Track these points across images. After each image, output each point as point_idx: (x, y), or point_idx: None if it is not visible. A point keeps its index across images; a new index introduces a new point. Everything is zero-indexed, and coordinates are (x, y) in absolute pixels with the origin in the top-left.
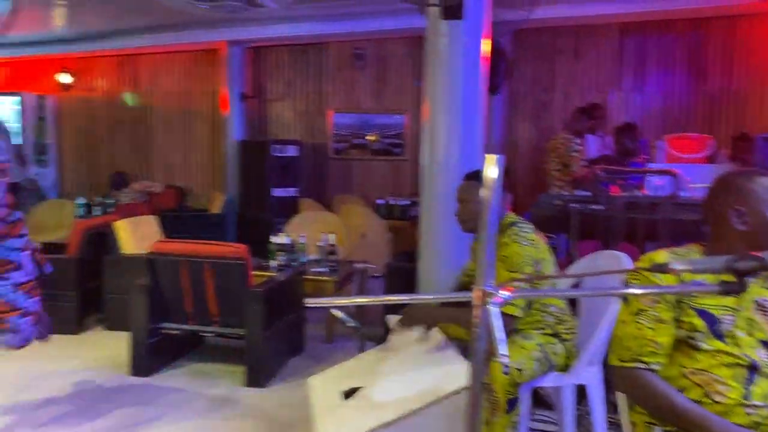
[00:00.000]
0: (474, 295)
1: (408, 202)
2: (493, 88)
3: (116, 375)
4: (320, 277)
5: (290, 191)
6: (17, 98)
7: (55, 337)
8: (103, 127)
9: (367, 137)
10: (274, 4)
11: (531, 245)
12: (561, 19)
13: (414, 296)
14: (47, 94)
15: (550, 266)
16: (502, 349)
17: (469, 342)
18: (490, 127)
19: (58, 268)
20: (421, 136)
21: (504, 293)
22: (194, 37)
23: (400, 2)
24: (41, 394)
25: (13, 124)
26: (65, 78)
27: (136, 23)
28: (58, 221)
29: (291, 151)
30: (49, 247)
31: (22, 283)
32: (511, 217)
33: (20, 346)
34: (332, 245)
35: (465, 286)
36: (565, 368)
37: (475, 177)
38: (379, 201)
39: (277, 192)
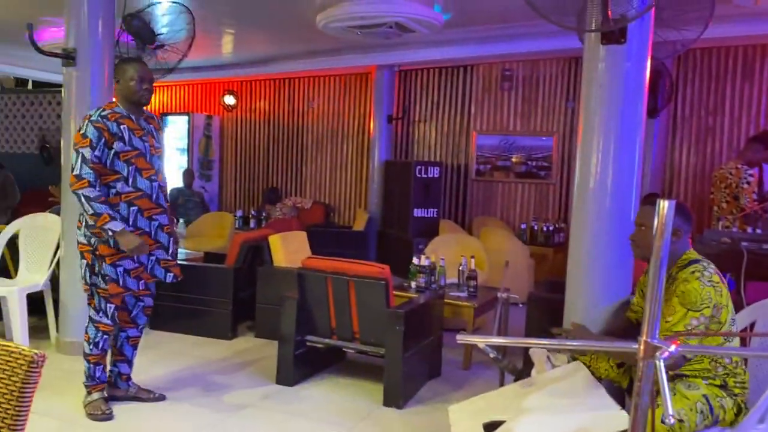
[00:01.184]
0: (639, 348)
1: (553, 227)
2: (652, 111)
3: (262, 381)
4: (459, 302)
5: (431, 212)
6: (187, 117)
7: (211, 341)
8: (261, 146)
9: (512, 159)
10: (425, 29)
11: (712, 286)
12: (730, 38)
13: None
14: (213, 114)
15: (728, 313)
16: (670, 407)
17: (619, 382)
18: (647, 152)
19: (218, 277)
20: (577, 159)
21: (672, 348)
22: (347, 62)
23: (556, 26)
24: (195, 394)
25: (184, 141)
26: (229, 99)
27: (294, 49)
28: (218, 231)
29: (433, 172)
30: (210, 256)
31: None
32: (693, 253)
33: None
34: (472, 270)
35: (630, 323)
36: (731, 425)
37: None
38: (521, 225)
39: (418, 212)
